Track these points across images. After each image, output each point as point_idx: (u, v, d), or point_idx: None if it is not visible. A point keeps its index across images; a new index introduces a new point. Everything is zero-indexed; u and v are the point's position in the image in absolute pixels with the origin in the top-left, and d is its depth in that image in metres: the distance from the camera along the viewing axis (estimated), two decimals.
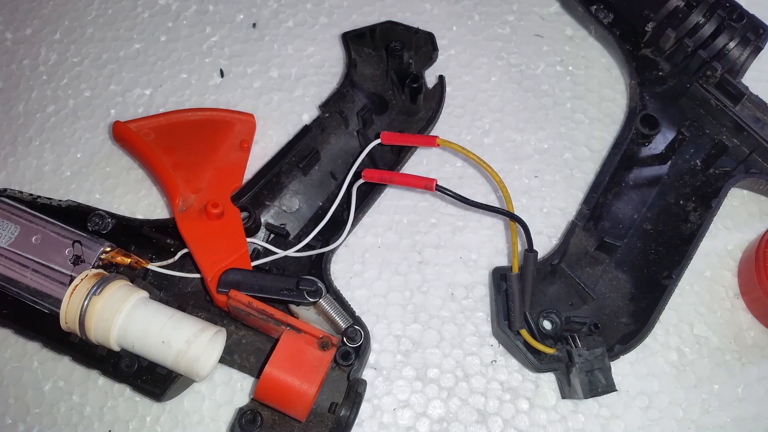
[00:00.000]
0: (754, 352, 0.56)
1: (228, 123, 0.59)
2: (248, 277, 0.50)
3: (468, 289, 0.58)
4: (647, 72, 0.60)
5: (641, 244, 0.56)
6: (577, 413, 0.54)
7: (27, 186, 0.62)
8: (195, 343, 0.48)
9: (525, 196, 0.61)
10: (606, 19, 0.62)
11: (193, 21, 0.69)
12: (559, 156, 0.62)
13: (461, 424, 0.54)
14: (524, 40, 0.67)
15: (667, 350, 0.56)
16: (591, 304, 0.54)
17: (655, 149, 0.58)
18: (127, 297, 0.49)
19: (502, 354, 0.55)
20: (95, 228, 0.55)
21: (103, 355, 0.51)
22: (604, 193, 0.56)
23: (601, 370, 0.49)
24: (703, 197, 0.57)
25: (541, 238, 0.59)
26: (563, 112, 0.64)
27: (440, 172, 0.62)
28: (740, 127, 0.57)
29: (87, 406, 0.55)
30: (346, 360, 0.48)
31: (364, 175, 0.51)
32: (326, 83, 0.66)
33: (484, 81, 0.66)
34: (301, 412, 0.47)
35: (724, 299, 0.57)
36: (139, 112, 0.65)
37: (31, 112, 0.66)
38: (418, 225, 0.60)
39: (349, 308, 0.52)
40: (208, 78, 0.67)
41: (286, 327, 0.48)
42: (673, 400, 0.54)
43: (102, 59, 0.68)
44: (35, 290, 0.51)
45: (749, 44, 0.58)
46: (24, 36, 0.69)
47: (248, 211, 0.54)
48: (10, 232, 0.52)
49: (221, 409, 0.54)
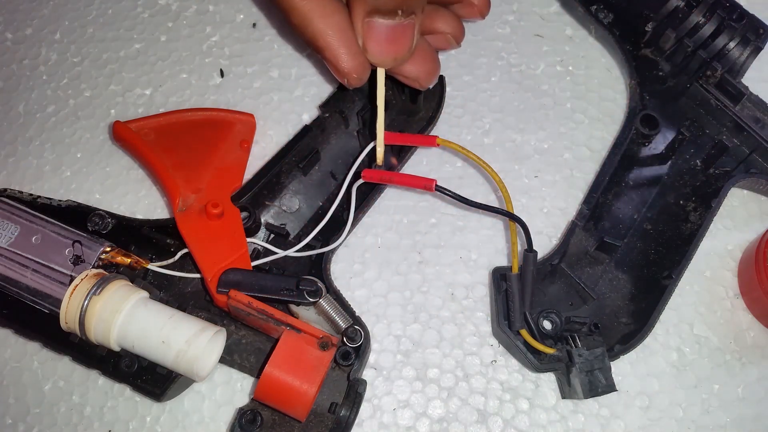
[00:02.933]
0: (754, 352, 0.56)
1: (228, 123, 0.59)
2: (248, 277, 0.50)
3: (468, 289, 0.58)
4: (647, 72, 0.60)
5: (641, 244, 0.56)
6: (577, 413, 0.54)
7: (27, 186, 0.62)
8: (195, 343, 0.48)
9: (525, 196, 0.61)
10: (606, 19, 0.62)
11: (193, 21, 0.69)
12: (559, 156, 0.62)
13: (461, 424, 0.54)
14: (524, 40, 0.67)
15: (667, 350, 0.56)
16: (591, 304, 0.54)
17: (655, 149, 0.58)
18: (127, 297, 0.49)
19: (502, 354, 0.55)
20: (95, 228, 0.55)
21: (103, 355, 0.51)
22: (604, 193, 0.56)
23: (601, 370, 0.49)
24: (703, 197, 0.57)
25: (541, 238, 0.59)
26: (563, 112, 0.64)
27: (440, 172, 0.62)
28: (740, 127, 0.57)
29: (87, 406, 0.55)
30: (346, 360, 0.48)
31: (364, 175, 0.51)
32: (326, 83, 0.66)
33: (484, 81, 0.66)
34: (301, 412, 0.47)
35: (724, 299, 0.57)
36: (139, 112, 0.65)
37: (31, 112, 0.66)
38: (418, 225, 0.60)
39: (349, 308, 0.52)
40: (208, 78, 0.67)
41: (286, 327, 0.48)
42: (673, 400, 0.54)
43: (102, 59, 0.68)
44: (35, 290, 0.51)
45: (749, 44, 0.58)
46: (24, 36, 0.69)
47: (248, 211, 0.54)
48: (10, 232, 0.52)
49: (221, 409, 0.54)
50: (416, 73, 0.51)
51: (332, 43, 0.46)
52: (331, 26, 0.46)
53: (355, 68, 0.47)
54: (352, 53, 0.46)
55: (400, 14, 0.45)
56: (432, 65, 0.52)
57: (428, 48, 0.52)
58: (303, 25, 0.47)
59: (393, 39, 0.46)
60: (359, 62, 0.47)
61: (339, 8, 0.46)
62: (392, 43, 0.46)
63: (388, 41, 0.46)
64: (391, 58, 0.47)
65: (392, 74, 0.52)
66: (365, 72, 0.48)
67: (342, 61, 0.47)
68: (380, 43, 0.46)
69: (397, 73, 0.52)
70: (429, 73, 0.52)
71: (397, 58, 0.48)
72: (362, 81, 0.48)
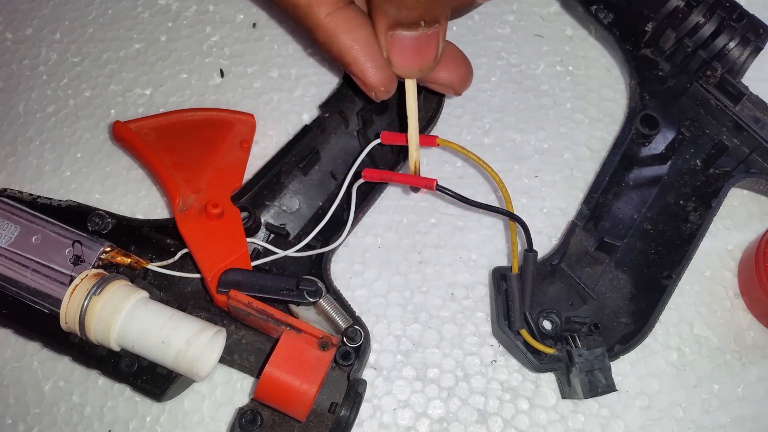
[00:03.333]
0: (754, 352, 0.56)
1: (228, 123, 0.59)
2: (248, 277, 0.50)
3: (468, 289, 0.58)
4: (647, 72, 0.60)
5: (641, 244, 0.56)
6: (577, 413, 0.54)
7: (27, 186, 0.62)
8: (195, 343, 0.48)
9: (525, 196, 0.61)
10: (606, 19, 0.62)
11: (193, 21, 0.69)
12: (559, 156, 0.62)
13: (461, 424, 0.54)
14: (524, 40, 0.67)
15: (667, 350, 0.56)
16: (591, 304, 0.54)
17: (655, 149, 0.58)
18: (127, 297, 0.49)
19: (502, 354, 0.55)
20: (95, 228, 0.55)
21: (103, 355, 0.51)
22: (604, 193, 0.56)
23: (601, 370, 0.49)
24: (703, 197, 0.57)
25: (541, 238, 0.59)
26: (563, 112, 0.64)
27: (440, 172, 0.62)
28: (740, 127, 0.57)
29: (87, 406, 0.55)
30: (346, 360, 0.48)
31: (364, 175, 0.51)
32: (326, 83, 0.66)
33: (484, 81, 0.66)
34: (301, 412, 0.47)
35: (724, 299, 0.57)
36: (139, 112, 0.65)
37: (31, 112, 0.66)
38: (418, 225, 0.60)
39: (349, 308, 0.52)
40: (208, 78, 0.67)
41: (286, 327, 0.48)
42: (673, 400, 0.54)
43: (102, 59, 0.68)
44: (35, 290, 0.51)
45: (749, 44, 0.58)
46: (24, 36, 0.69)
47: (248, 211, 0.54)
48: (10, 232, 0.52)
49: (221, 409, 0.54)
50: (449, 80, 0.51)
51: (359, 58, 0.46)
52: (356, 41, 0.46)
53: (382, 81, 0.47)
54: (378, 66, 0.46)
55: (423, 25, 0.44)
56: (465, 69, 0.52)
57: (458, 53, 0.52)
58: (329, 42, 0.47)
59: (417, 50, 0.46)
60: (386, 75, 0.47)
61: (364, 22, 0.46)
62: (417, 55, 0.46)
63: (413, 53, 0.46)
64: (417, 69, 0.47)
65: (425, 84, 0.52)
66: (393, 84, 0.48)
67: (369, 75, 0.47)
68: (404, 55, 0.46)
69: (431, 82, 0.51)
70: (463, 78, 0.52)
71: (422, 69, 0.47)
72: (390, 93, 0.48)
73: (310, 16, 0.46)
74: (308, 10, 0.46)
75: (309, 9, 0.46)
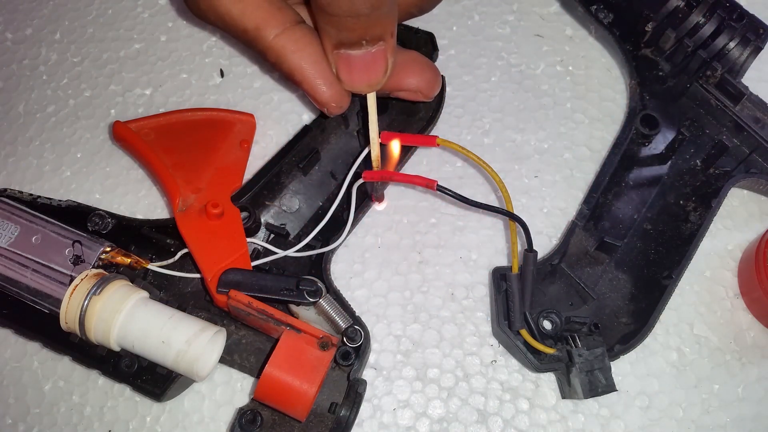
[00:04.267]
0: (754, 352, 0.56)
1: (228, 123, 0.59)
2: (248, 277, 0.50)
3: (468, 289, 0.58)
4: (647, 72, 0.60)
5: (641, 244, 0.56)
6: (577, 413, 0.54)
7: (27, 186, 0.62)
8: (195, 343, 0.48)
9: (525, 196, 0.61)
10: (606, 19, 0.62)
11: (193, 21, 0.69)
12: (559, 156, 0.62)
13: (461, 424, 0.54)
14: (524, 40, 0.67)
15: (667, 350, 0.56)
16: (591, 304, 0.54)
17: (655, 149, 0.58)
18: (127, 297, 0.49)
19: (502, 354, 0.55)
20: (95, 228, 0.55)
21: (103, 355, 0.51)
22: (604, 193, 0.56)
23: (601, 370, 0.49)
24: (703, 197, 0.57)
25: (541, 238, 0.59)
26: (563, 112, 0.64)
27: (440, 172, 0.62)
28: (740, 127, 0.57)
29: (87, 406, 0.55)
30: (346, 360, 0.48)
31: (364, 176, 0.51)
32: None
33: (484, 81, 0.66)
34: (301, 412, 0.47)
35: (724, 299, 0.57)
36: (139, 112, 0.65)
37: (31, 112, 0.66)
38: (418, 225, 0.60)
39: (349, 308, 0.52)
40: (208, 78, 0.67)
41: (286, 327, 0.48)
42: (673, 400, 0.54)
43: (102, 59, 0.68)
44: (35, 290, 0.51)
45: (749, 44, 0.58)
46: (24, 36, 0.69)
47: (248, 211, 0.54)
48: (10, 232, 0.52)
49: (221, 409, 0.54)
50: (416, 85, 0.51)
51: (308, 76, 0.47)
52: (305, 59, 0.47)
53: (332, 97, 0.48)
54: (328, 83, 0.47)
55: (365, 44, 0.45)
56: (430, 74, 0.52)
57: (420, 58, 0.52)
58: (279, 62, 0.47)
59: (364, 67, 0.46)
60: (336, 91, 0.48)
61: (312, 40, 0.47)
62: (364, 72, 0.47)
63: (359, 70, 0.46)
64: (365, 84, 0.48)
65: (394, 94, 0.52)
66: (344, 100, 0.49)
67: (320, 92, 0.47)
68: (351, 72, 0.47)
69: (397, 90, 0.52)
70: (430, 82, 0.52)
71: (371, 84, 0.48)
72: (343, 109, 0.49)
73: (258, 40, 0.47)
74: (256, 34, 0.47)
75: (257, 33, 0.47)
